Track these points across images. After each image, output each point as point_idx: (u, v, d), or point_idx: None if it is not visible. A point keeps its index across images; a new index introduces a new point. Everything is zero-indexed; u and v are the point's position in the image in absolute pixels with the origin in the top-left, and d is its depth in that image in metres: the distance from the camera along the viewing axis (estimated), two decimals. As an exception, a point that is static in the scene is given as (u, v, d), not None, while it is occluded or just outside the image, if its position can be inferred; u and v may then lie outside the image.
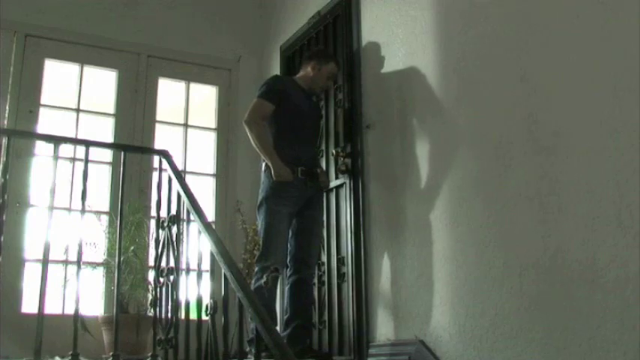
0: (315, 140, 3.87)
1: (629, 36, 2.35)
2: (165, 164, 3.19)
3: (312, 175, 3.66)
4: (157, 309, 3.02)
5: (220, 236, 2.72)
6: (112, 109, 4.86)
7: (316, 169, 3.73)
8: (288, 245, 3.59)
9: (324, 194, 3.88)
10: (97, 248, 4.23)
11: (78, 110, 4.71)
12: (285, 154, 3.57)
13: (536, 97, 2.73)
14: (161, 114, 4.98)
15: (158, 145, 4.75)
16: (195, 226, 2.81)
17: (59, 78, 4.81)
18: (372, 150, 3.73)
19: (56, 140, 3.09)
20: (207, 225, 2.71)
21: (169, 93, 5.09)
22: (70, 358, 2.81)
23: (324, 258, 3.99)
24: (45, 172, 4.03)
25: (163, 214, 3.10)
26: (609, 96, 2.41)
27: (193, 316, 2.73)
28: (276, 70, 4.99)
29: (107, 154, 4.65)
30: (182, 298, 2.88)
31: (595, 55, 2.49)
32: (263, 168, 3.66)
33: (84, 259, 3.33)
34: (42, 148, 4.37)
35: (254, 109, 3.65)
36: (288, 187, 3.53)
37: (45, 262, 2.85)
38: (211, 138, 5.18)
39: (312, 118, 3.81)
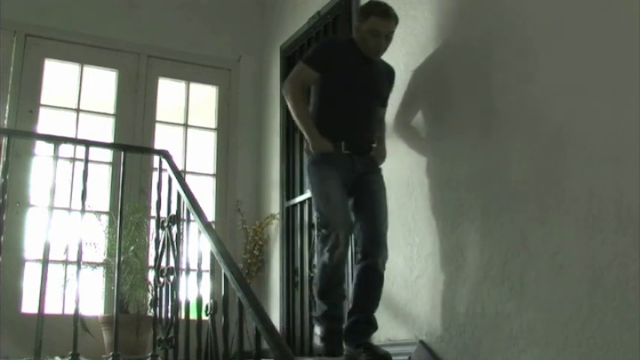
0: (370, 111, 3.28)
1: (629, 36, 2.35)
2: (165, 164, 3.20)
3: (359, 149, 3.18)
4: (157, 309, 3.02)
5: (220, 236, 2.72)
6: (112, 109, 4.86)
7: (366, 144, 3.23)
8: (354, 232, 3.14)
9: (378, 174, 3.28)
10: (97, 248, 4.23)
11: (78, 110, 4.70)
12: (328, 125, 3.16)
13: (536, 96, 2.73)
14: (161, 114, 4.98)
15: (158, 145, 4.75)
16: (195, 226, 2.81)
17: (59, 78, 4.81)
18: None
19: (56, 140, 3.09)
20: (207, 225, 2.71)
21: (169, 93, 5.09)
22: (70, 358, 2.82)
23: (324, 258, 3.98)
24: (45, 172, 4.02)
25: (163, 214, 3.10)
26: (610, 96, 2.41)
27: (193, 316, 2.73)
28: (276, 70, 4.99)
29: (107, 154, 4.65)
30: (182, 298, 2.89)
31: (596, 54, 2.49)
32: (305, 146, 3.29)
33: (84, 259, 3.34)
34: (42, 148, 4.38)
35: (293, 76, 3.28)
36: (332, 162, 3.11)
37: (45, 262, 2.86)
38: (211, 138, 5.18)
39: (367, 85, 3.25)
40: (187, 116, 5.07)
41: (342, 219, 3.03)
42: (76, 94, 4.73)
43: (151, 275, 3.65)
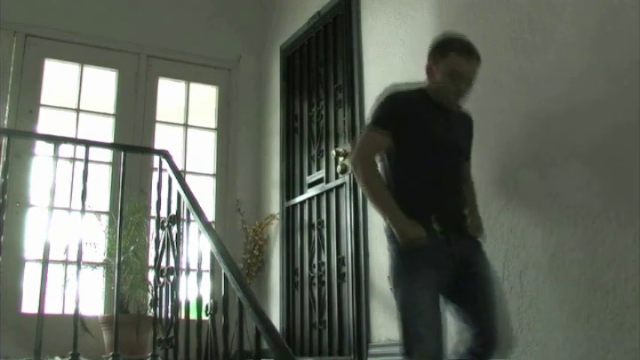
0: (458, 174, 2.59)
1: (629, 34, 2.35)
2: (165, 164, 3.20)
3: (454, 226, 2.47)
4: (157, 309, 3.02)
5: (220, 236, 2.73)
6: (112, 109, 4.86)
7: (460, 216, 2.54)
8: (458, 324, 2.48)
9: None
10: (97, 248, 4.23)
11: (78, 110, 4.70)
12: (411, 201, 2.44)
13: (536, 96, 2.73)
14: (161, 114, 4.98)
15: (158, 145, 4.75)
16: (195, 226, 2.81)
17: (59, 78, 4.81)
18: (372, 150, 3.72)
19: (56, 140, 3.10)
20: (207, 225, 2.71)
21: (169, 93, 5.09)
22: (70, 358, 2.82)
23: (324, 258, 3.99)
24: (45, 172, 4.02)
25: (163, 214, 3.10)
26: (609, 95, 2.41)
27: (193, 316, 2.73)
28: (276, 70, 4.98)
29: (107, 154, 4.65)
30: (182, 298, 2.89)
31: (595, 53, 2.49)
32: (384, 227, 2.52)
33: (84, 259, 3.34)
34: (42, 148, 4.37)
35: (362, 146, 2.58)
36: (425, 252, 2.38)
37: (45, 262, 2.86)
38: (211, 138, 5.18)
39: (450, 143, 2.55)
40: (187, 116, 5.07)
41: (433, 350, 2.33)
42: (76, 94, 4.73)
43: (151, 275, 3.65)
